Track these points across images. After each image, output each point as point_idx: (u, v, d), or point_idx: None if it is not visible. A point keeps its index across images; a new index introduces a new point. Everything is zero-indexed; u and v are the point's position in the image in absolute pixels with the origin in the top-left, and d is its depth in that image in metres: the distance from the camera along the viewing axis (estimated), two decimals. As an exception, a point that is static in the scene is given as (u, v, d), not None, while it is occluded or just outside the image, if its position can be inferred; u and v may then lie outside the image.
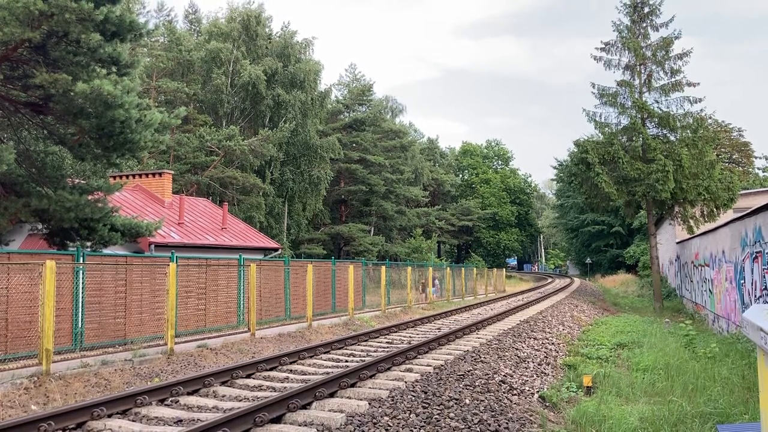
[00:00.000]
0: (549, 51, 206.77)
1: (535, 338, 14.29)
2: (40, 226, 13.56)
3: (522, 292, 37.28)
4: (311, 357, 11.32)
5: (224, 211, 24.19)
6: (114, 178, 22.24)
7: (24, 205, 12.31)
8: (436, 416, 7.09)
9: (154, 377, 10.04)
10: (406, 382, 8.69)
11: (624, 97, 29.04)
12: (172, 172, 26.26)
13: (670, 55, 28.86)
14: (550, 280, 57.96)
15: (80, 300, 11.45)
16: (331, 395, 8.00)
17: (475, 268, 38.50)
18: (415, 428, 6.65)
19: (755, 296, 13.79)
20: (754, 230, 13.85)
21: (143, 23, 12.74)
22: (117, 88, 11.46)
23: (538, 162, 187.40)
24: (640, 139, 28.17)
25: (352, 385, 8.50)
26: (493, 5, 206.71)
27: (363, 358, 11.08)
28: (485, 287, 39.85)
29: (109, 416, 7.14)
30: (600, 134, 29.16)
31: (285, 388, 8.57)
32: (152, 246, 18.24)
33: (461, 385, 8.54)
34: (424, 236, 55.50)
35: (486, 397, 8.10)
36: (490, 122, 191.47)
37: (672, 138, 28.41)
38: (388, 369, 9.71)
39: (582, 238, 70.50)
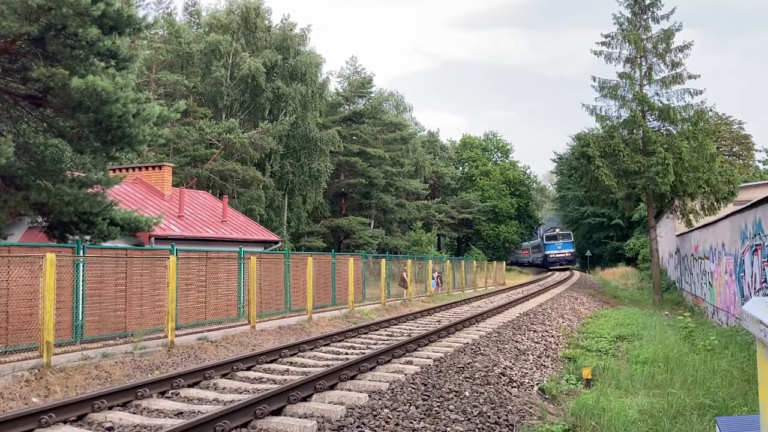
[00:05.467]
0: (547, 43, 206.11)
1: (534, 331, 14.31)
2: (39, 219, 13.56)
3: (522, 285, 37.32)
4: (311, 349, 11.34)
5: (224, 203, 24.18)
6: (114, 170, 22.21)
7: (23, 199, 12.30)
8: (436, 408, 7.11)
9: (154, 370, 10.07)
10: (406, 375, 8.71)
11: (624, 90, 28.95)
12: (172, 164, 26.22)
13: (671, 47, 28.76)
14: (549, 272, 58.02)
15: (81, 292, 11.47)
16: (332, 387, 8.02)
17: (475, 261, 38.54)
18: (415, 420, 6.67)
19: (755, 289, 13.80)
20: (754, 223, 13.85)
21: (141, 17, 12.69)
22: (112, 83, 11.44)
23: (538, 155, 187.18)
24: (641, 132, 28.12)
25: (353, 378, 8.52)
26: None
27: (363, 351, 11.11)
28: (485, 280, 39.91)
29: (110, 408, 7.16)
30: (600, 127, 29.13)
31: (285, 380, 8.60)
32: (152, 239, 18.23)
33: (461, 378, 8.56)
34: (424, 229, 55.39)
35: (486, 390, 8.13)
36: (489, 115, 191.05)
37: (672, 131, 28.36)
38: (389, 361, 9.73)
39: (582, 231, 70.59)
